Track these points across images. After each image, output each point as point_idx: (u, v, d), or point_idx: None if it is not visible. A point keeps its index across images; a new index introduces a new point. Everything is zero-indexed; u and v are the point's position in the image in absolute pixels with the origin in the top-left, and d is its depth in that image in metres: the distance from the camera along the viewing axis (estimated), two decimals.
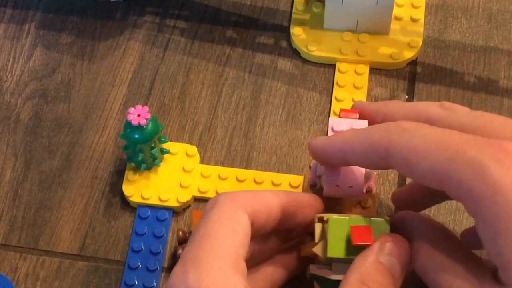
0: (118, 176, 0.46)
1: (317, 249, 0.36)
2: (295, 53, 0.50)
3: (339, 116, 0.39)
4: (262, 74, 0.50)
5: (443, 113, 0.35)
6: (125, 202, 0.45)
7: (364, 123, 0.38)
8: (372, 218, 0.36)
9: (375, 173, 0.40)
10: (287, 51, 0.51)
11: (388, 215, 0.43)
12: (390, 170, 0.45)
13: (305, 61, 0.50)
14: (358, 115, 0.39)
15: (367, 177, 0.39)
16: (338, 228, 0.35)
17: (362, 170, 0.38)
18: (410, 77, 0.49)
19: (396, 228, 0.36)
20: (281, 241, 0.39)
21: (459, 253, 0.33)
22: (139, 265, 0.43)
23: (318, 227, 0.36)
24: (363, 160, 0.35)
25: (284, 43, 0.51)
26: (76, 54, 0.51)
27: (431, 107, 0.36)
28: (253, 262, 0.38)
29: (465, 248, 0.34)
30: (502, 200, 0.29)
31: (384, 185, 0.45)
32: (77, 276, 0.43)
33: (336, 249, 0.35)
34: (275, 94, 0.49)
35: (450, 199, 0.38)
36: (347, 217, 0.36)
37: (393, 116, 0.37)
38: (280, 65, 0.50)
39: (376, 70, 0.49)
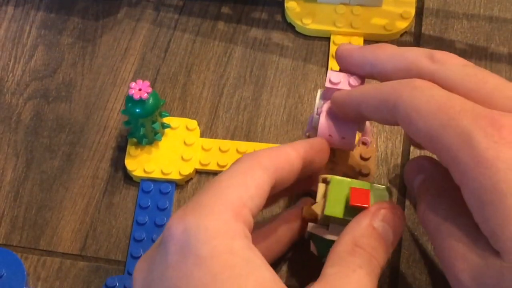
0: (119, 174, 0.46)
1: (317, 207, 0.37)
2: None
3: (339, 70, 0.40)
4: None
5: (433, 67, 0.35)
6: (125, 199, 0.45)
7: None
8: (373, 184, 0.36)
9: (370, 127, 0.41)
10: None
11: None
12: (391, 168, 0.45)
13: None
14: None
15: (362, 130, 0.40)
16: (339, 188, 0.36)
17: (355, 123, 0.39)
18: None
19: (411, 170, 0.37)
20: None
21: (461, 210, 0.33)
22: (144, 237, 0.44)
23: (321, 187, 0.37)
24: (375, 113, 0.35)
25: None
26: (77, 54, 0.51)
27: (421, 60, 0.35)
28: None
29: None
30: (486, 172, 0.30)
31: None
32: (78, 276, 0.43)
33: (334, 208, 0.36)
34: (276, 94, 0.49)
35: None
36: (350, 180, 0.36)
37: (383, 66, 0.37)
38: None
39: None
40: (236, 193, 0.33)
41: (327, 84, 0.39)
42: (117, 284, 0.42)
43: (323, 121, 0.39)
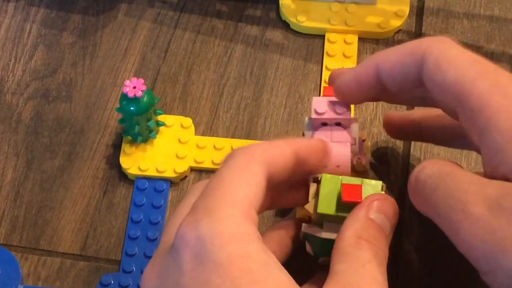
0: (120, 174, 0.46)
1: (309, 207, 0.37)
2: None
3: (323, 94, 0.40)
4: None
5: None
6: (126, 199, 0.45)
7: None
8: (365, 179, 0.36)
9: (361, 143, 0.41)
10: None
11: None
12: (391, 168, 0.45)
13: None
14: None
15: (354, 152, 0.40)
16: (330, 185, 0.36)
17: (348, 149, 0.38)
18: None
19: None
20: (289, 191, 0.39)
21: (458, 166, 0.34)
22: (139, 235, 0.44)
23: (312, 186, 0.37)
24: (398, 68, 0.36)
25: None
26: (77, 54, 0.51)
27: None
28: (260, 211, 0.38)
29: None
30: None
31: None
32: (78, 276, 0.43)
33: (326, 206, 0.36)
34: (277, 94, 0.49)
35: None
36: (341, 176, 0.36)
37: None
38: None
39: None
40: (242, 192, 0.32)
41: (313, 115, 0.39)
42: (112, 282, 0.42)
43: None
